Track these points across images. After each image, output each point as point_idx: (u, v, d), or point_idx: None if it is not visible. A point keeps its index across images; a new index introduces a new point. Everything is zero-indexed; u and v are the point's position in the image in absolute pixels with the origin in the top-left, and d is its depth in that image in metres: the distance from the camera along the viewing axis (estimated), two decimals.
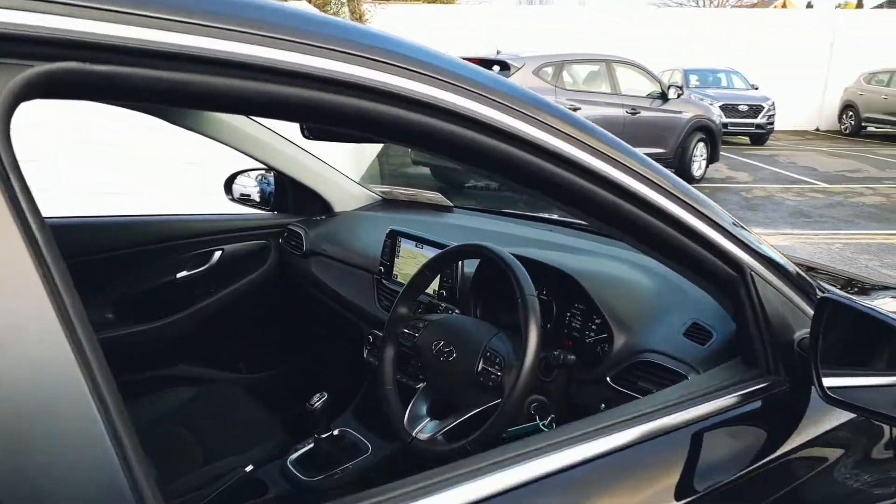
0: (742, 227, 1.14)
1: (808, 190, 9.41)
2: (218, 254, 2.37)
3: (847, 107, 16.65)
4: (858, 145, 14.61)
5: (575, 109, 7.33)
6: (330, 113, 0.74)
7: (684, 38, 17.07)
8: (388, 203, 2.69)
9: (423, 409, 1.47)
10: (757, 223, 7.30)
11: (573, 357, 1.37)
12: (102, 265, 2.19)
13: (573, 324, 1.54)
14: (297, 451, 1.85)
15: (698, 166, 9.77)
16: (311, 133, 1.32)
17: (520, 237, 2.00)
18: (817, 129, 18.00)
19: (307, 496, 1.72)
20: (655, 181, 1.00)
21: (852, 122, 16.49)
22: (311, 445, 1.84)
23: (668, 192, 1.01)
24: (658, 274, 1.56)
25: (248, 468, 1.78)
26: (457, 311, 1.66)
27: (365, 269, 2.13)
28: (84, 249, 2.13)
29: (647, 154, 1.02)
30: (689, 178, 9.27)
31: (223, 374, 2.47)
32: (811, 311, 1.11)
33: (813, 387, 1.05)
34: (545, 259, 1.52)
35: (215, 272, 2.38)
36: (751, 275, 1.10)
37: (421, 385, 1.53)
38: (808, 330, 1.10)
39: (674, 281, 1.54)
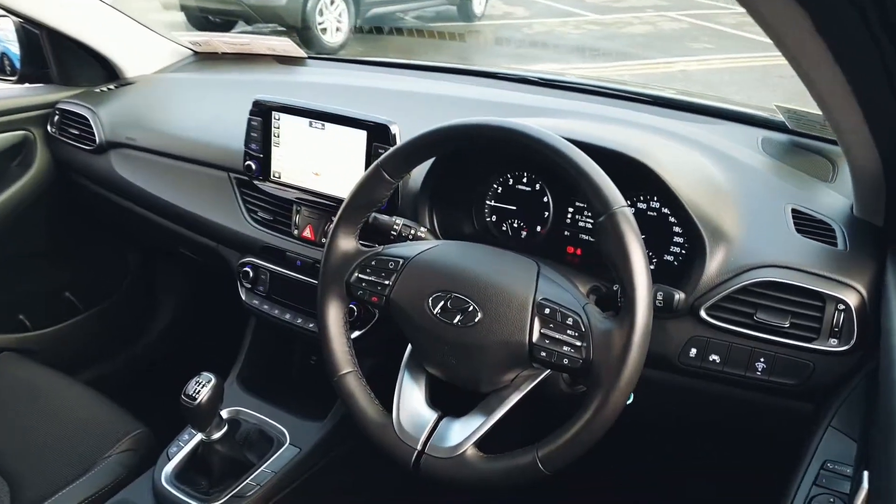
0: None
1: (584, 22, 9.47)
2: None
3: None
4: None
5: None
6: None
7: None
8: (205, 58, 1.88)
9: (420, 399, 0.92)
10: (549, 59, 7.18)
11: (682, 295, 0.89)
12: None
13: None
14: (169, 457, 1.22)
15: (479, 2, 9.39)
16: None
17: (468, 100, 1.41)
18: None
19: None
20: None
21: None
22: (194, 444, 1.22)
23: None
24: (708, 147, 1.10)
25: None
26: (422, 229, 1.07)
27: (213, 166, 1.41)
28: None
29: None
30: (470, 16, 8.95)
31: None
32: None
33: None
34: (585, 137, 0.96)
35: None
36: None
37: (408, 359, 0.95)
38: None
39: (734, 155, 1.10)
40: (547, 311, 0.82)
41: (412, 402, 0.91)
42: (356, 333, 1.20)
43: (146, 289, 1.94)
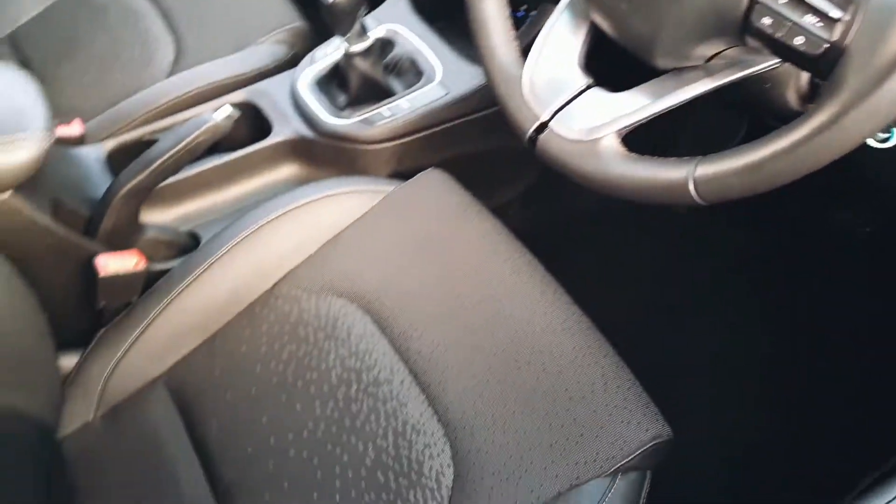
0: None
1: None
2: None
3: None
4: None
5: None
6: None
7: None
8: None
9: (569, 55, 0.64)
10: None
11: None
12: None
13: None
14: (314, 60, 1.09)
15: None
16: None
17: None
18: None
19: None
20: None
21: None
22: (340, 55, 1.08)
23: None
24: None
25: None
26: None
27: None
28: None
29: None
30: None
31: None
32: None
33: None
34: None
35: None
36: None
37: None
38: None
39: None
40: None
41: (557, 55, 0.64)
42: None
43: None
